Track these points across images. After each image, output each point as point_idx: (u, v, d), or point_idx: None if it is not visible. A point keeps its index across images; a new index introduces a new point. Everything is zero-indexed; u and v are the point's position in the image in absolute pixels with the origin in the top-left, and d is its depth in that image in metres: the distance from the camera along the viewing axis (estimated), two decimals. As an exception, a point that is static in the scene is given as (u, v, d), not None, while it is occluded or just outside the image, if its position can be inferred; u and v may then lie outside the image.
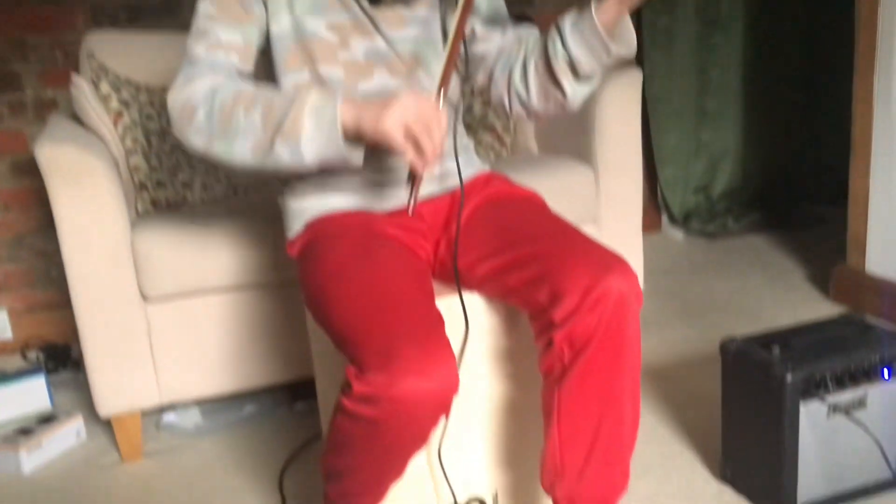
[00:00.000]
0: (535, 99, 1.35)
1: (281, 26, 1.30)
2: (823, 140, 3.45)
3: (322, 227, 1.32)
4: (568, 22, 1.27)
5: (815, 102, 3.45)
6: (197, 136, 1.20)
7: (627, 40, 1.27)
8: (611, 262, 1.17)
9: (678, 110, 3.25)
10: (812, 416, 1.48)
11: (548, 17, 1.98)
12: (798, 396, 1.45)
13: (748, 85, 3.37)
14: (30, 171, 2.53)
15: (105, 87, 2.02)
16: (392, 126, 1.08)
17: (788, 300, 2.55)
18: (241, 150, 1.18)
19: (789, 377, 1.43)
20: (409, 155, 1.10)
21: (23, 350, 2.56)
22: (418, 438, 1.13)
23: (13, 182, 2.53)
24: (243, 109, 1.16)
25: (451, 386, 1.08)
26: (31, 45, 2.46)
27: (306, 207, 1.36)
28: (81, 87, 1.97)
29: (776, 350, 1.51)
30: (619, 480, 1.24)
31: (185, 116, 1.20)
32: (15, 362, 2.52)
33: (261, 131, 1.15)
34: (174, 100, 1.22)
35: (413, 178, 1.16)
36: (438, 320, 1.16)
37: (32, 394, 2.17)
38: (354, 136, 1.13)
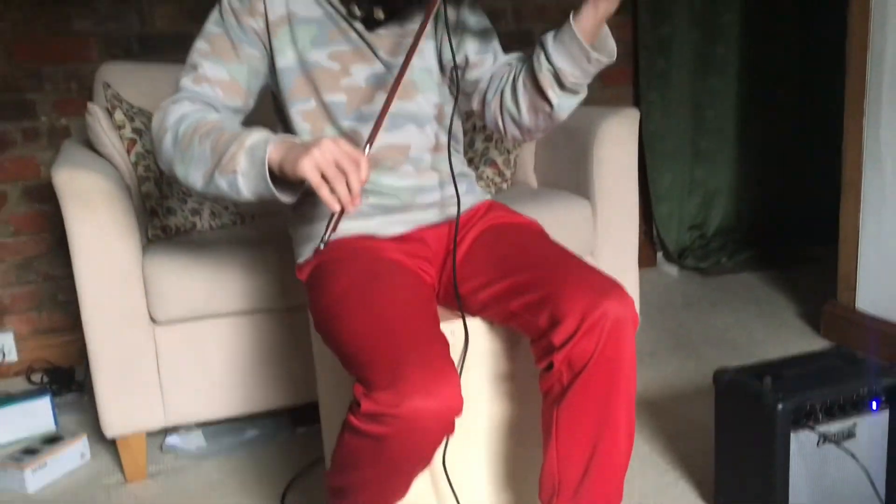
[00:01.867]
0: (525, 115, 1.41)
1: (286, 60, 1.38)
2: (815, 180, 3.52)
3: (330, 253, 1.37)
4: (550, 36, 1.35)
5: (807, 143, 3.54)
6: (163, 158, 1.31)
7: (608, 47, 1.34)
8: (608, 286, 1.23)
9: (673, 149, 3.33)
10: (802, 445, 1.52)
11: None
12: (789, 425, 1.50)
13: (742, 125, 3.46)
14: (40, 197, 2.59)
15: (119, 115, 2.08)
16: (307, 167, 1.13)
17: (780, 336, 2.61)
18: (194, 175, 1.26)
19: (780, 406, 1.48)
20: (323, 195, 1.14)
21: (28, 372, 2.59)
22: (423, 457, 1.17)
23: (24, 207, 2.58)
24: (198, 139, 1.25)
25: (456, 406, 1.12)
26: (47, 74, 2.53)
27: (315, 233, 1.42)
28: (97, 115, 2.04)
29: (768, 380, 1.56)
30: (613, 497, 1.29)
31: (157, 139, 1.31)
32: (20, 385, 2.55)
33: (209, 161, 1.24)
34: (153, 122, 1.32)
35: (331, 216, 1.20)
36: (444, 342, 1.21)
37: (37, 415, 2.21)
38: (281, 175, 1.19)
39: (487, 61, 1.47)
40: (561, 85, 1.36)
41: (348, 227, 1.41)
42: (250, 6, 1.37)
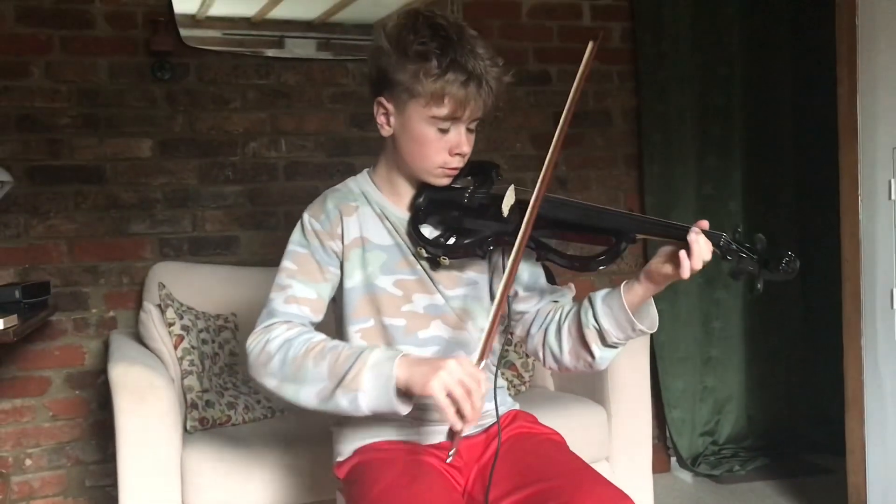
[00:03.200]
0: (566, 357, 1.52)
1: (354, 282, 1.50)
2: (823, 390, 3.60)
3: (370, 453, 1.48)
4: (599, 297, 1.47)
5: (814, 354, 3.64)
6: (270, 379, 1.38)
7: (650, 318, 1.47)
8: (618, 500, 1.32)
9: (684, 357, 3.45)
10: None
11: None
12: None
13: (749, 335, 3.58)
14: (81, 384, 2.72)
15: (171, 313, 2.26)
16: (437, 388, 1.23)
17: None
18: (306, 395, 1.36)
19: None
20: (449, 415, 1.24)
21: (46, 560, 2.62)
22: None
23: (65, 393, 2.71)
24: (312, 360, 1.35)
25: None
26: (103, 270, 2.74)
27: (358, 435, 1.52)
28: (150, 313, 2.22)
29: None
30: None
31: (261, 361, 1.39)
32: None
33: (326, 381, 1.33)
34: (254, 344, 1.40)
35: (453, 434, 1.28)
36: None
37: None
38: (405, 392, 1.30)
39: (534, 297, 1.58)
40: (604, 342, 1.47)
41: (388, 433, 1.51)
42: (331, 229, 1.47)
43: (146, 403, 1.92)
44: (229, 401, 2.27)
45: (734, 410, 3.57)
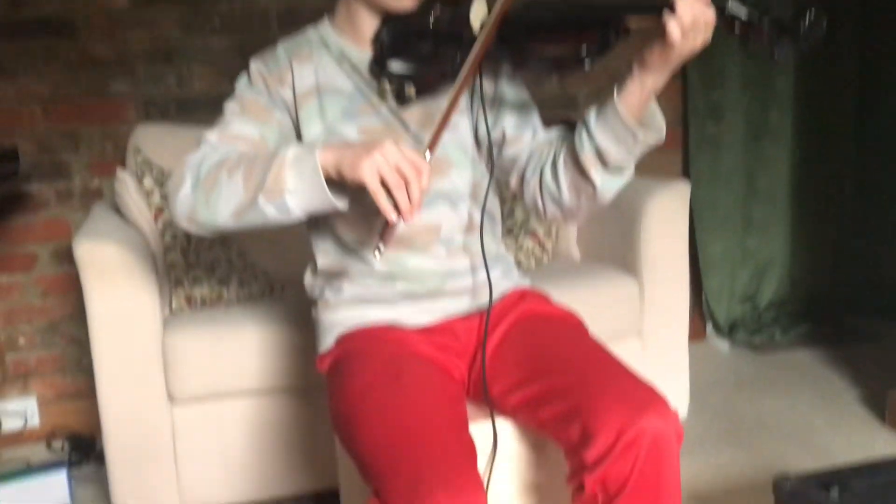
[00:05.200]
0: (566, 195, 1.29)
1: (313, 132, 1.30)
2: (877, 251, 3.35)
3: (353, 343, 1.27)
4: (593, 111, 1.23)
5: (869, 212, 3.36)
6: (180, 210, 1.20)
7: (656, 125, 1.22)
8: (647, 398, 1.10)
9: (724, 218, 3.19)
10: (875, 568, 1.36)
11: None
12: (859, 545, 1.34)
13: (796, 192, 3.31)
14: (70, 258, 2.52)
15: (149, 182, 2.03)
16: (368, 171, 1.05)
17: (842, 424, 2.42)
18: (223, 214, 1.17)
19: (850, 525, 1.32)
20: (381, 202, 1.05)
21: (49, 439, 2.51)
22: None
23: (53, 268, 2.54)
24: (226, 172, 1.16)
25: (479, 530, 1.00)
26: (82, 135, 2.50)
27: (338, 321, 1.32)
28: (125, 182, 1.99)
29: (835, 492, 1.40)
30: None
31: (172, 193, 1.21)
32: (40, 451, 2.47)
33: (242, 192, 1.14)
34: (170, 180, 1.23)
35: (385, 227, 1.11)
36: (470, 453, 1.09)
37: (53, 489, 2.12)
38: (338, 181, 1.10)
39: (526, 137, 1.36)
40: (605, 164, 1.23)
41: (371, 316, 1.31)
42: (279, 74, 1.31)
43: (117, 284, 1.71)
44: (221, 277, 2.07)
45: (776, 274, 3.34)
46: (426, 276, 1.31)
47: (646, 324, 2.16)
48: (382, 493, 1.03)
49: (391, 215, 1.06)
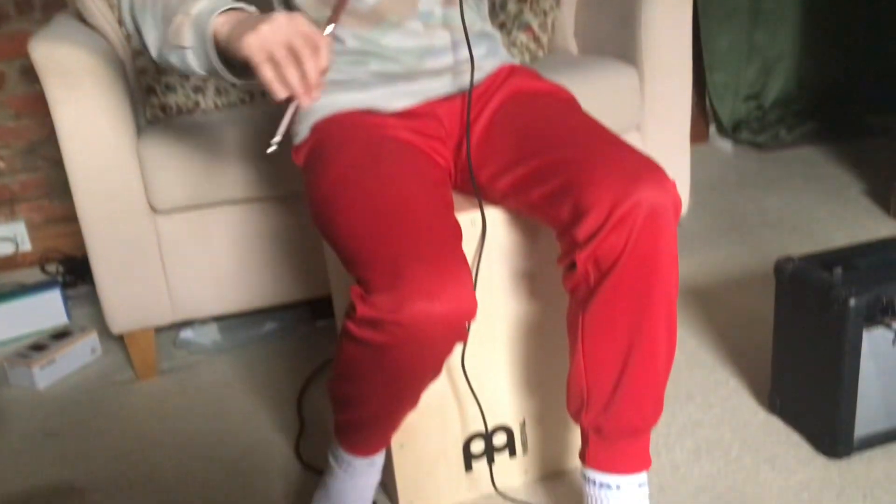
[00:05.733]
0: None
1: None
2: (888, 45, 3.18)
3: (328, 131, 1.18)
4: None
5: (882, 3, 3.17)
6: (127, 24, 1.12)
7: None
8: (643, 168, 1.02)
9: (731, 10, 3.00)
10: (875, 343, 1.33)
11: None
12: (861, 322, 1.31)
13: (808, -17, 3.11)
14: (41, 77, 2.41)
15: (108, -19, 1.87)
16: (253, 46, 0.92)
17: (845, 216, 2.37)
18: (150, 44, 1.08)
19: (853, 301, 1.28)
20: (266, 80, 0.93)
21: (42, 263, 2.49)
22: (431, 367, 1.01)
23: (25, 87, 2.42)
24: (149, 7, 1.06)
25: (466, 309, 0.95)
26: (36, -62, 2.31)
27: (311, 108, 1.22)
28: (83, -18, 1.83)
29: (838, 271, 1.36)
30: (650, 411, 1.12)
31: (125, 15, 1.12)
32: (35, 275, 2.46)
33: (160, 28, 1.05)
34: None
35: (284, 109, 0.99)
36: (455, 234, 1.03)
37: (48, 308, 2.11)
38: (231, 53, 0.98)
39: None
40: None
41: (345, 101, 1.21)
42: None
43: (82, 89, 1.60)
44: (196, 84, 1.95)
45: (785, 70, 3.20)
46: (401, 55, 1.20)
47: (646, 117, 2.05)
48: (363, 277, 0.98)
49: (279, 94, 0.94)
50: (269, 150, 0.97)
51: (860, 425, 1.37)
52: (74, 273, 2.38)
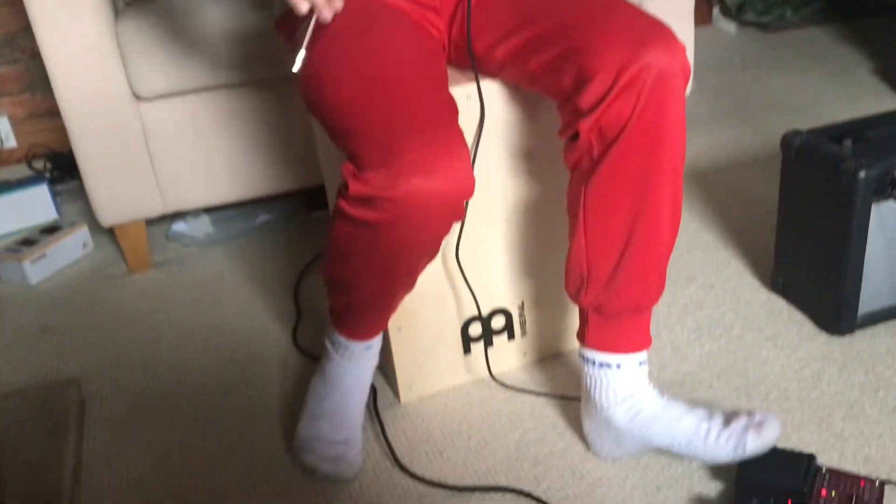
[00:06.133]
0: None
1: None
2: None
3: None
4: None
5: None
6: None
7: None
8: (651, 31, 0.96)
9: None
10: (884, 218, 1.30)
11: None
12: (870, 195, 1.27)
13: None
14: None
15: None
16: None
17: (851, 96, 2.31)
18: None
19: (863, 173, 1.24)
20: None
21: (29, 159, 2.43)
22: (427, 245, 0.98)
23: (-5, -22, 2.30)
24: None
25: (464, 185, 0.91)
26: None
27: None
28: None
29: (847, 144, 1.31)
30: (653, 288, 1.09)
31: None
32: (22, 172, 2.40)
33: None
34: None
35: (305, 24, 0.95)
36: (450, 108, 0.98)
37: (36, 204, 2.07)
38: None
39: None
40: None
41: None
42: None
43: (52, -31, 1.52)
44: (175, -35, 1.85)
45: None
46: None
47: (648, -6, 1.96)
48: (355, 153, 0.94)
49: (302, 9, 0.90)
50: (295, 67, 0.93)
51: (864, 302, 1.35)
52: (62, 168, 2.32)
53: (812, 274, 1.39)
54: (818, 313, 1.40)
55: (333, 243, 1.03)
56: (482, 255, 1.28)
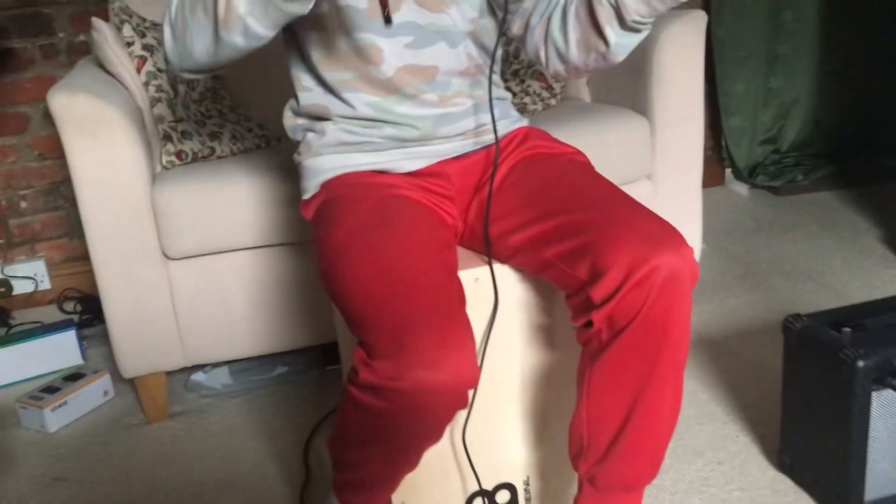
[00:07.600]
0: (573, 51, 1.16)
1: None
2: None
3: (338, 188, 1.20)
4: None
5: (899, 46, 3.17)
6: (171, 59, 1.12)
7: None
8: (663, 234, 1.03)
9: (747, 55, 3.01)
10: (885, 406, 1.32)
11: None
12: (870, 384, 1.29)
13: (825, 27, 3.10)
14: (64, 119, 2.46)
15: (128, 30, 1.91)
16: None
17: (861, 265, 2.36)
18: (199, 54, 1.08)
19: (861, 363, 1.27)
20: None
21: (59, 301, 2.52)
22: (431, 433, 1.02)
23: (49, 129, 2.47)
24: (189, 14, 1.05)
25: (468, 377, 0.96)
26: (61, -15, 2.37)
27: (323, 166, 1.24)
28: (103, 32, 1.87)
29: (847, 332, 1.35)
30: (644, 471, 1.13)
31: (162, 45, 1.18)
32: (52, 313, 2.49)
33: (208, 28, 1.04)
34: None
35: None
36: (459, 298, 1.03)
37: (63, 348, 2.13)
38: None
39: None
40: (622, 20, 1.09)
41: (357, 161, 1.22)
42: None
43: (98, 139, 1.64)
44: (212, 130, 1.98)
45: (801, 115, 3.19)
46: (417, 121, 1.22)
47: (657, 167, 2.06)
48: (366, 341, 0.99)
49: None
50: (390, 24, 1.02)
51: (870, 489, 1.35)
52: (91, 312, 2.41)
53: (817, 458, 1.39)
54: (825, 498, 1.40)
55: (341, 425, 1.07)
56: (491, 428, 1.30)
